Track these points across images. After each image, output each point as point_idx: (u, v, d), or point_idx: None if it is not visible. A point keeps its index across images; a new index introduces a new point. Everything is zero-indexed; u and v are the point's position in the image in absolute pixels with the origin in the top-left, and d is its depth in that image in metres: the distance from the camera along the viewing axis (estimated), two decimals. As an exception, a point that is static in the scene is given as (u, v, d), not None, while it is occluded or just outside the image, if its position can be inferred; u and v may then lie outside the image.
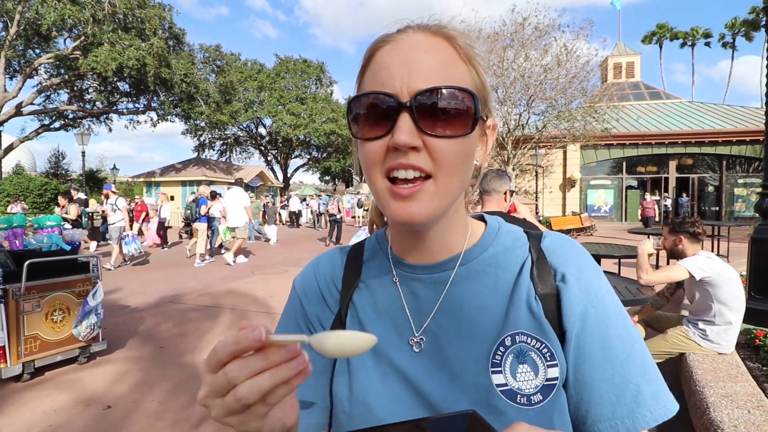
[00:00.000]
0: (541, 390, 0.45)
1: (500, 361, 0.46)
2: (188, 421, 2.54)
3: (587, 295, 0.47)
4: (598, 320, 0.47)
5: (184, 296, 5.69)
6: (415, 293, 0.51)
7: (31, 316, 3.08)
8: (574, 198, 19.26)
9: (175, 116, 19.38)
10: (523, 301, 0.48)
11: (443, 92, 0.41)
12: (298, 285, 0.59)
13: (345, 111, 0.53)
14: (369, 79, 0.45)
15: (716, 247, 8.00)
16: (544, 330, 0.47)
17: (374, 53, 0.46)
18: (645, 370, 0.45)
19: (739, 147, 17.68)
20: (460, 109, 0.42)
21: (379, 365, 0.49)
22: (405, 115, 0.41)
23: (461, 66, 0.45)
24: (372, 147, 0.43)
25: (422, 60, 0.42)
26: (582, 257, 0.50)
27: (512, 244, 0.53)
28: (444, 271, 0.51)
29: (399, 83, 0.42)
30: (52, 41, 15.29)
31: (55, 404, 2.74)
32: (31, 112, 16.66)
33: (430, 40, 0.44)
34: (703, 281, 2.43)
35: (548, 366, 0.45)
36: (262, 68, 26.56)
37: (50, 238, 3.41)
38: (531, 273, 0.49)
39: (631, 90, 22.83)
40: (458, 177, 0.44)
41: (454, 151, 0.42)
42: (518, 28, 13.51)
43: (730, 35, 31.26)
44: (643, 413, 0.44)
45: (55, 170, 27.05)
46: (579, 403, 0.46)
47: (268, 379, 0.31)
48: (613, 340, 0.46)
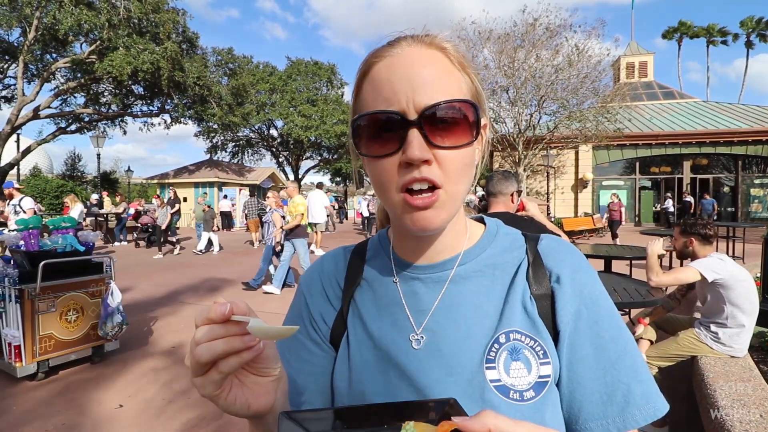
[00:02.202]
0: (533, 387, 0.46)
1: (494, 357, 0.47)
2: (200, 421, 2.58)
3: (581, 296, 0.49)
4: (591, 322, 0.48)
5: (196, 296, 5.78)
6: (414, 292, 0.53)
7: (45, 315, 3.15)
8: (586, 199, 18.99)
9: (188, 118, 19.68)
10: (519, 300, 0.49)
11: (448, 106, 0.44)
12: (303, 283, 0.61)
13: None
14: (369, 95, 0.47)
15: (731, 248, 7.80)
16: (538, 329, 0.48)
17: (370, 68, 0.47)
18: (636, 371, 0.46)
19: (755, 147, 17.24)
20: (464, 120, 0.45)
21: (378, 361, 0.51)
22: (414, 131, 0.43)
23: (456, 74, 0.47)
24: (384, 164, 0.46)
25: (422, 74, 0.44)
26: (577, 260, 0.52)
27: (510, 245, 0.54)
28: (443, 270, 0.52)
29: (404, 99, 0.43)
30: (68, 46, 15.67)
31: (68, 403, 2.81)
32: (48, 116, 17.11)
33: (425, 52, 0.46)
34: (715, 283, 2.38)
35: (541, 363, 0.47)
36: (274, 71, 26.80)
37: (65, 239, 3.50)
38: (527, 274, 0.51)
39: (644, 90, 22.43)
40: (464, 183, 0.47)
41: (461, 160, 0.45)
42: (529, 28, 13.40)
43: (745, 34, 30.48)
44: (633, 413, 0.45)
45: (72, 172, 27.75)
46: (572, 402, 0.47)
47: (221, 345, 0.36)
48: (605, 341, 0.47)
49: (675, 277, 2.55)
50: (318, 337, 0.56)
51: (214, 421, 2.55)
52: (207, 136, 25.75)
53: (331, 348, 0.56)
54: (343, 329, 0.55)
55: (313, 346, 0.56)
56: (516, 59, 13.41)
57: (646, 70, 23.22)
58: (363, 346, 0.52)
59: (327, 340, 0.56)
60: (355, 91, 0.50)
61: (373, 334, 0.52)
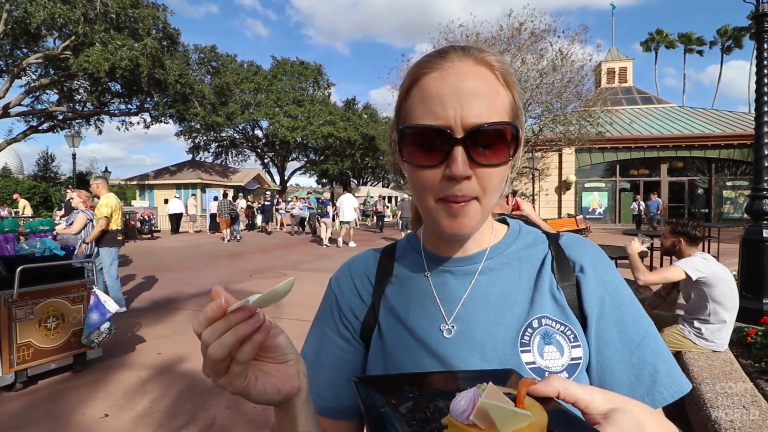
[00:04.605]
0: (567, 368, 0.48)
1: (528, 341, 0.49)
2: (189, 428, 2.51)
3: (603, 283, 0.52)
4: (614, 307, 0.51)
5: (180, 301, 5.63)
6: (445, 283, 0.56)
7: (23, 323, 3.01)
8: (569, 200, 19.44)
9: (170, 118, 19.18)
10: (547, 289, 0.53)
11: (492, 127, 0.46)
12: (333, 282, 0.63)
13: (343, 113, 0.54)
14: (418, 105, 0.48)
15: (707, 248, 8.12)
16: (567, 315, 0.51)
17: (419, 78, 0.49)
18: (659, 351, 0.49)
19: (727, 151, 18.01)
20: (505, 141, 0.48)
21: (412, 348, 0.53)
22: (459, 148, 0.46)
23: (502, 92, 0.49)
24: (427, 174, 0.48)
25: (472, 91, 0.46)
26: (596, 251, 0.56)
27: (533, 241, 0.58)
28: (473, 264, 0.56)
29: (453, 115, 0.46)
30: (41, 40, 15.03)
31: (49, 414, 2.69)
32: (18, 114, 16.39)
33: (474, 69, 0.48)
34: (698, 281, 2.47)
35: (572, 347, 0.49)
36: (259, 70, 26.40)
37: (43, 242, 3.36)
38: (552, 267, 0.54)
39: (624, 95, 23.15)
40: (498, 194, 0.50)
41: (498, 176, 0.48)
42: (515, 32, 13.64)
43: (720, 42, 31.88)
44: (661, 390, 0.47)
45: (44, 173, 26.63)
46: (601, 385, 0.49)
47: (230, 336, 0.35)
48: (629, 324, 0.50)
49: (662, 276, 2.64)
50: (348, 333, 0.58)
51: (206, 429, 2.49)
52: (189, 135, 25.15)
53: (361, 344, 0.58)
54: (374, 322, 0.57)
55: (343, 343, 0.58)
56: (501, 63, 13.59)
57: (625, 76, 23.98)
58: (396, 336, 0.54)
59: (357, 335, 0.58)
60: (403, 96, 0.52)
61: (406, 324, 0.54)
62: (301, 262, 9.00)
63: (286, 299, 6.42)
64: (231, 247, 11.98)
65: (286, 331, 0.41)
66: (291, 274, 7.55)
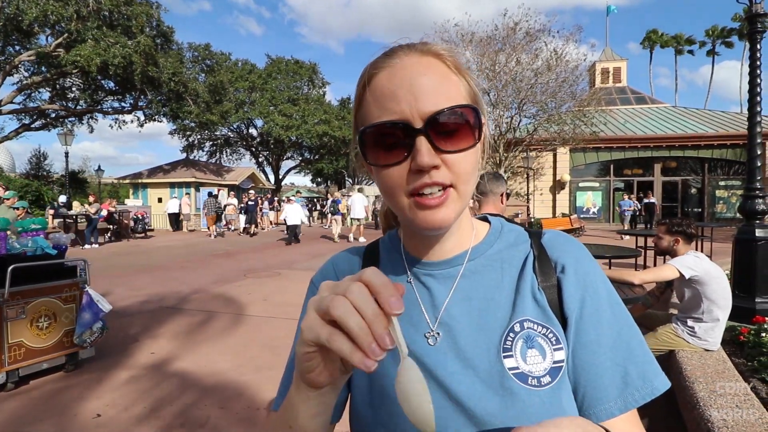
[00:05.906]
0: (549, 372, 0.47)
1: (511, 345, 0.49)
2: (182, 428, 2.49)
3: (584, 284, 0.52)
4: (593, 308, 0.50)
5: (174, 300, 5.59)
6: (427, 287, 0.54)
7: (15, 322, 2.98)
8: (563, 200, 19.54)
9: (163, 116, 19.02)
10: (529, 291, 0.52)
11: (451, 112, 0.45)
12: (317, 280, 0.61)
13: (337, 112, 0.53)
14: (372, 106, 0.48)
15: (699, 247, 8.21)
16: (549, 317, 0.50)
17: (370, 80, 0.48)
18: (631, 352, 0.48)
19: (720, 151, 18.20)
20: (467, 124, 0.47)
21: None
22: (421, 138, 0.45)
23: (454, 79, 0.48)
24: (392, 172, 0.47)
25: (422, 82, 0.46)
26: (578, 250, 0.55)
27: (515, 240, 0.57)
28: (454, 266, 0.54)
29: (408, 108, 0.45)
30: (33, 38, 14.85)
31: (41, 414, 2.66)
32: (10, 111, 16.17)
33: (423, 60, 0.47)
34: (692, 280, 2.49)
35: (554, 349, 0.48)
36: (254, 68, 26.26)
37: (35, 241, 3.31)
38: (534, 267, 0.53)
39: (618, 95, 23.32)
40: (472, 183, 0.49)
41: (468, 161, 0.47)
42: (510, 32, 13.69)
43: (710, 42, 32.20)
44: (632, 393, 0.47)
45: (37, 171, 26.28)
46: (576, 387, 0.48)
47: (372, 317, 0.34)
48: (604, 326, 0.50)
49: (656, 275, 2.66)
50: None
51: (199, 428, 2.47)
52: (183, 134, 24.98)
53: None
54: None
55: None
56: (497, 62, 13.66)
57: (620, 76, 24.15)
58: None
59: None
60: (357, 101, 0.51)
61: None
62: (295, 261, 8.97)
63: (281, 298, 6.33)
64: (226, 245, 11.92)
65: (281, 330, 0.41)
66: (285, 273, 7.53)
